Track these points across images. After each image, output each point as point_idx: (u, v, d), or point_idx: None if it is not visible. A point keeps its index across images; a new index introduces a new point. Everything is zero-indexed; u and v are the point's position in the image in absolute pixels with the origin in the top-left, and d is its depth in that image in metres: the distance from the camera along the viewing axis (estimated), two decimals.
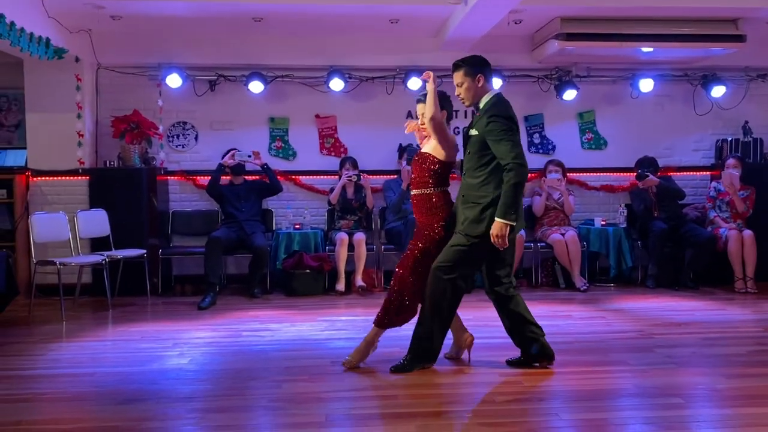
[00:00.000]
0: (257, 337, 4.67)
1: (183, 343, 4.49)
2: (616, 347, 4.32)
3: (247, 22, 6.05)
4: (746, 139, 6.89)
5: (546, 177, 6.66)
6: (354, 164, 6.58)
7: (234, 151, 6.36)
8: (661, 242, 6.40)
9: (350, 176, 6.36)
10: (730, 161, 6.53)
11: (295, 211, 6.64)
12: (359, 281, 6.16)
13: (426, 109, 3.78)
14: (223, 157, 6.40)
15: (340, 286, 6.14)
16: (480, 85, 3.80)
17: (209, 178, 6.37)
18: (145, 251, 5.96)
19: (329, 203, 6.57)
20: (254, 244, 6.06)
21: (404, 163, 6.48)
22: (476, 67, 3.80)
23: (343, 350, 4.20)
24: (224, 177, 6.44)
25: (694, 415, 3.21)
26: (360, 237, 6.25)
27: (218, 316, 5.34)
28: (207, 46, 6.49)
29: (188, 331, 4.81)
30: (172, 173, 6.71)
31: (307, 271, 6.09)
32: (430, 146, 3.88)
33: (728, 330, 4.77)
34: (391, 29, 6.31)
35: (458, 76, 3.83)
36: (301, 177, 6.85)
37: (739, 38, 6.02)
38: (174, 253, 6.51)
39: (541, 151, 7.09)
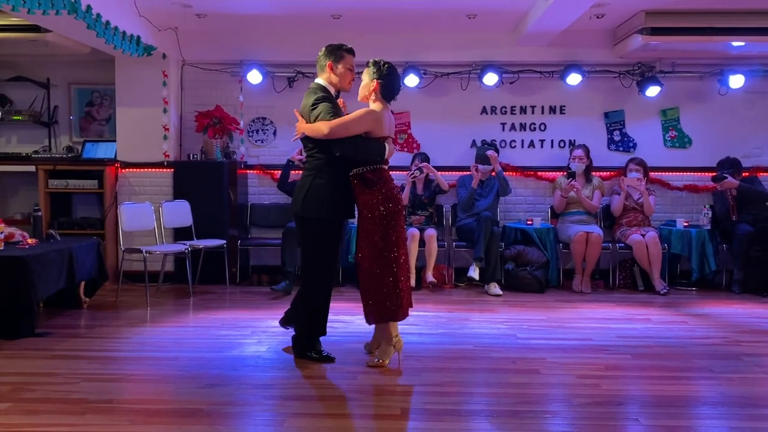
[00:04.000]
0: (331, 328, 4.68)
1: (261, 332, 4.62)
2: (698, 353, 4.16)
3: (326, 19, 6.14)
4: None
5: (626, 176, 6.46)
6: (425, 160, 6.58)
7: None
8: (747, 246, 6.10)
9: (412, 173, 6.36)
10: None
11: None
12: (430, 277, 6.16)
13: None
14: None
15: (411, 281, 6.16)
16: None
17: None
18: (224, 242, 6.17)
19: None
20: None
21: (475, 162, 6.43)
22: None
23: (414, 345, 4.23)
24: (295, 172, 6.57)
25: None
26: (431, 233, 6.25)
27: None
28: (286, 43, 6.63)
29: (265, 320, 4.94)
30: (251, 167, 6.91)
31: None
32: None
33: None
34: (468, 24, 6.27)
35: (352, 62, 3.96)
36: None
37: None
38: (252, 245, 6.71)
39: (621, 148, 6.87)
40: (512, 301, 5.72)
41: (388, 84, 3.79)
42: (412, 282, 6.15)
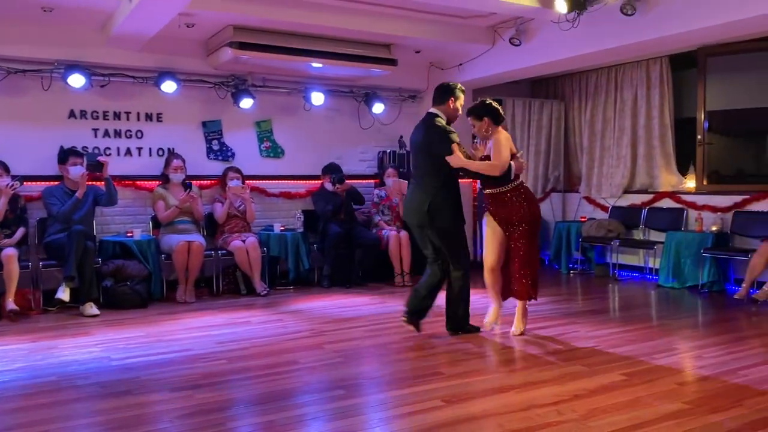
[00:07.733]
0: None
1: None
2: (288, 348, 4.47)
3: None
4: (401, 152, 7.82)
5: (228, 184, 6.64)
6: (6, 169, 5.70)
7: None
8: (336, 244, 6.87)
9: (12, 185, 5.50)
10: (390, 171, 7.34)
11: None
12: (11, 304, 5.33)
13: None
14: None
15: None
16: None
17: None
18: None
19: None
20: None
21: (78, 169, 5.81)
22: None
23: None
24: None
25: (357, 403, 3.46)
26: (10, 253, 5.41)
27: None
28: None
29: None
30: None
31: None
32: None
33: (388, 320, 5.29)
34: (46, 18, 5.63)
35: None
36: None
37: (392, 62, 6.80)
38: None
39: (220, 158, 7.04)
40: (111, 320, 5.33)
41: (494, 114, 4.56)
42: None
